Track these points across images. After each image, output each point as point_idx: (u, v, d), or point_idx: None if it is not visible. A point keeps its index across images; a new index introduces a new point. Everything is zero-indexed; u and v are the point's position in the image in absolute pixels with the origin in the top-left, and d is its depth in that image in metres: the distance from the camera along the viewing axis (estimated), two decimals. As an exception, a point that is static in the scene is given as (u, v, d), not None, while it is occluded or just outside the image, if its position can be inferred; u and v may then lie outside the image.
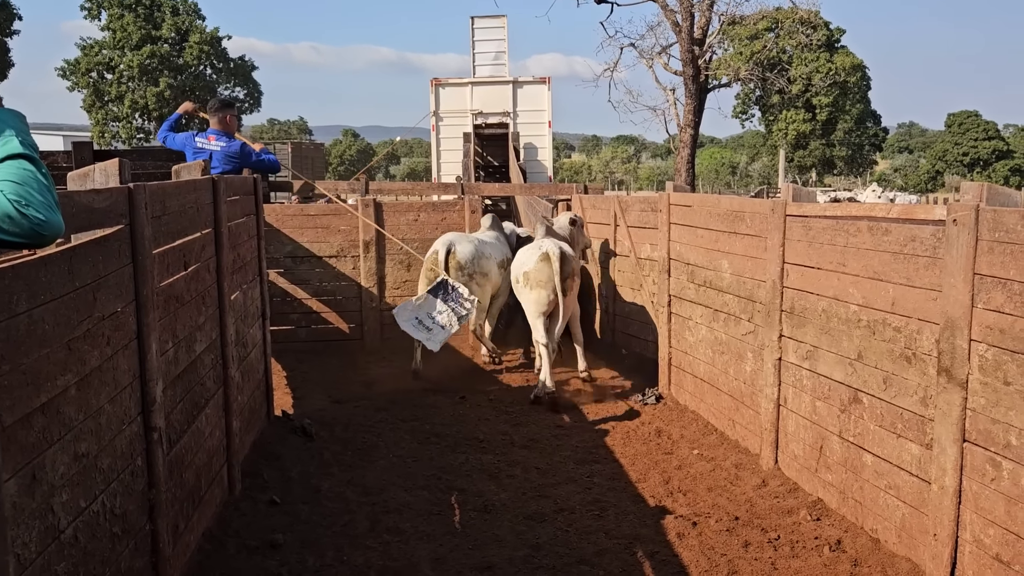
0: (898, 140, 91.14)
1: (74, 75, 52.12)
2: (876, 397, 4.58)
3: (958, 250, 3.88)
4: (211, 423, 4.71)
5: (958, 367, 3.90)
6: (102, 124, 52.07)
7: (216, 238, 4.97)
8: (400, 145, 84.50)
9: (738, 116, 57.97)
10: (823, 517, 4.93)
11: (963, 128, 63.82)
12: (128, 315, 3.39)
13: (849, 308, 4.80)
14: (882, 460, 4.54)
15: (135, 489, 3.40)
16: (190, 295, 4.35)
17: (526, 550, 4.65)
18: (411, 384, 7.95)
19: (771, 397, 5.66)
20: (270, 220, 8.72)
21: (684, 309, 7.18)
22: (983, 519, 3.81)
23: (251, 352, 6.01)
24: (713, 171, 72.83)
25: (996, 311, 3.70)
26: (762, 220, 5.76)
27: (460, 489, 5.52)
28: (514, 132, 19.44)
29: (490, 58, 21.15)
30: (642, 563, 4.50)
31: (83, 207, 3.03)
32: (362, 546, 4.64)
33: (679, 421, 6.92)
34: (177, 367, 4.07)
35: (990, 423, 3.75)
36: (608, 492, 5.50)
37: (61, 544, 2.68)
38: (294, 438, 6.35)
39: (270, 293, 7.25)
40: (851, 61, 54.87)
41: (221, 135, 7.92)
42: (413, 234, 9.37)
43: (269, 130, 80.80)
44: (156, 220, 3.74)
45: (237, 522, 4.79)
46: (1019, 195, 4.06)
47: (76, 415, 2.84)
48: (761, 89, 49.32)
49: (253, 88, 56.24)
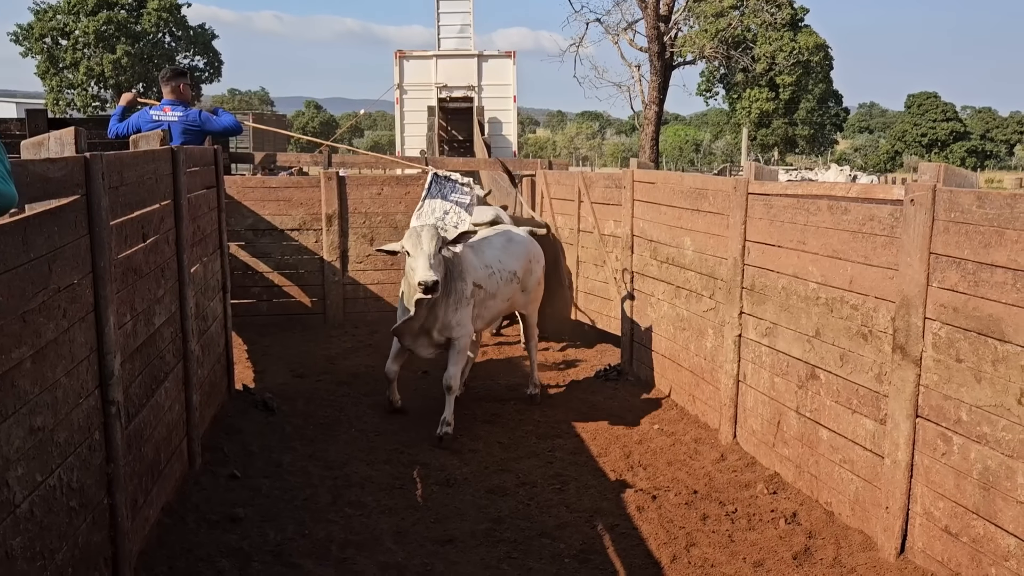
0: (859, 120, 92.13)
1: (27, 40, 50.67)
2: (833, 373, 4.67)
3: (915, 229, 3.95)
4: (171, 397, 4.66)
5: (912, 344, 3.99)
6: (57, 91, 50.76)
7: (176, 210, 4.90)
8: (364, 118, 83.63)
9: (702, 94, 58.13)
10: (779, 491, 5.03)
11: (922, 109, 64.69)
12: (85, 287, 3.33)
13: (808, 286, 4.87)
14: (837, 435, 4.64)
15: (93, 463, 3.36)
16: (149, 267, 4.29)
17: (488, 523, 4.69)
18: (373, 359, 7.93)
19: (731, 373, 5.74)
20: (231, 192, 8.60)
21: (646, 286, 7.23)
22: (933, 492, 3.91)
23: (211, 326, 5.95)
24: (677, 149, 73.08)
25: (950, 290, 3.78)
26: (724, 198, 5.81)
27: (422, 463, 5.53)
28: (479, 106, 19.33)
29: (455, 31, 20.98)
30: (602, 536, 4.56)
31: (38, 177, 2.97)
32: (324, 520, 4.64)
33: (640, 396, 6.99)
34: (136, 340, 4.02)
35: (942, 399, 3.85)
36: (569, 466, 5.55)
37: (16, 518, 2.65)
38: (255, 412, 6.32)
39: (231, 266, 7.16)
40: (814, 41, 55.18)
41: (177, 105, 7.72)
42: (376, 208, 9.31)
43: (230, 100, 79.42)
44: (114, 191, 3.67)
45: (197, 496, 4.76)
46: (975, 176, 4.13)
47: (31, 388, 2.80)
48: (725, 67, 49.50)
49: (213, 57, 55.15)
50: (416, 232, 5.75)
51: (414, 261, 5.68)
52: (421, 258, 5.61)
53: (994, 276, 3.55)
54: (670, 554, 4.34)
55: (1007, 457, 3.50)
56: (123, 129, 7.64)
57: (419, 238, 5.70)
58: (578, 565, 4.24)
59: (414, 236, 5.73)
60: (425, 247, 5.64)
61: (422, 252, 5.62)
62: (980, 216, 3.62)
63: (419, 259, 5.62)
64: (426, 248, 5.64)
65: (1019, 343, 3.43)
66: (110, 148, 6.42)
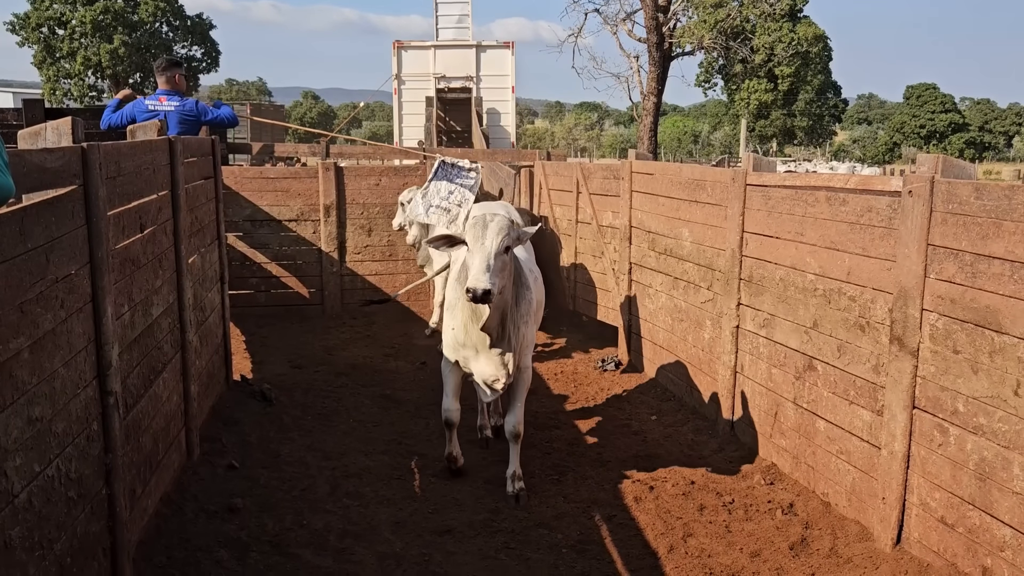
0: (857, 111, 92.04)
1: (24, 30, 50.44)
2: (830, 365, 4.68)
3: (913, 221, 3.95)
4: (169, 387, 4.66)
5: (910, 336, 3.99)
6: (53, 81, 50.57)
7: (173, 200, 4.89)
8: (363, 109, 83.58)
9: (701, 85, 57.97)
10: (776, 481, 5.04)
11: (921, 100, 64.66)
12: (83, 278, 3.33)
13: (806, 277, 4.88)
14: (834, 426, 4.65)
15: (91, 453, 3.36)
16: (146, 258, 4.28)
17: (485, 514, 4.70)
18: (371, 350, 7.93)
19: (728, 364, 5.74)
20: (228, 183, 8.58)
21: (644, 277, 7.23)
22: (930, 483, 3.92)
23: (209, 316, 5.95)
24: (675, 140, 73.06)
25: (948, 281, 3.79)
26: (723, 189, 5.80)
27: (420, 454, 5.54)
28: (477, 97, 19.29)
29: (454, 21, 20.91)
30: (600, 526, 4.58)
31: (35, 167, 2.96)
32: (322, 510, 4.65)
33: (638, 387, 7.00)
34: (133, 331, 4.01)
35: (939, 390, 3.85)
36: (567, 457, 5.56)
37: (15, 508, 2.65)
38: (253, 403, 6.32)
39: (229, 257, 7.15)
40: (813, 31, 55.09)
41: (172, 95, 7.68)
42: (374, 199, 9.30)
43: (227, 91, 79.23)
44: (111, 181, 3.66)
45: (195, 487, 4.77)
46: (973, 168, 4.13)
47: (29, 379, 2.79)
48: (724, 58, 49.40)
49: (211, 47, 54.93)
50: (482, 221, 4.38)
51: (470, 258, 4.37)
52: (479, 256, 4.30)
53: (992, 268, 3.55)
54: (667, 544, 4.35)
55: (1003, 448, 3.51)
56: (117, 120, 7.61)
57: (484, 228, 4.35)
58: (576, 555, 4.26)
59: (478, 226, 4.37)
60: (488, 242, 4.32)
61: (482, 248, 4.32)
62: (978, 208, 3.62)
63: (476, 257, 4.31)
64: (489, 244, 4.31)
65: (1016, 334, 3.44)
66: (107, 139, 6.40)
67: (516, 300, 4.80)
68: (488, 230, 4.33)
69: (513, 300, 4.76)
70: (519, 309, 4.83)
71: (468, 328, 4.76)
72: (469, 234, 4.41)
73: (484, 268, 4.24)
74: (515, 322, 4.80)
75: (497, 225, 4.34)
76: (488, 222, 4.35)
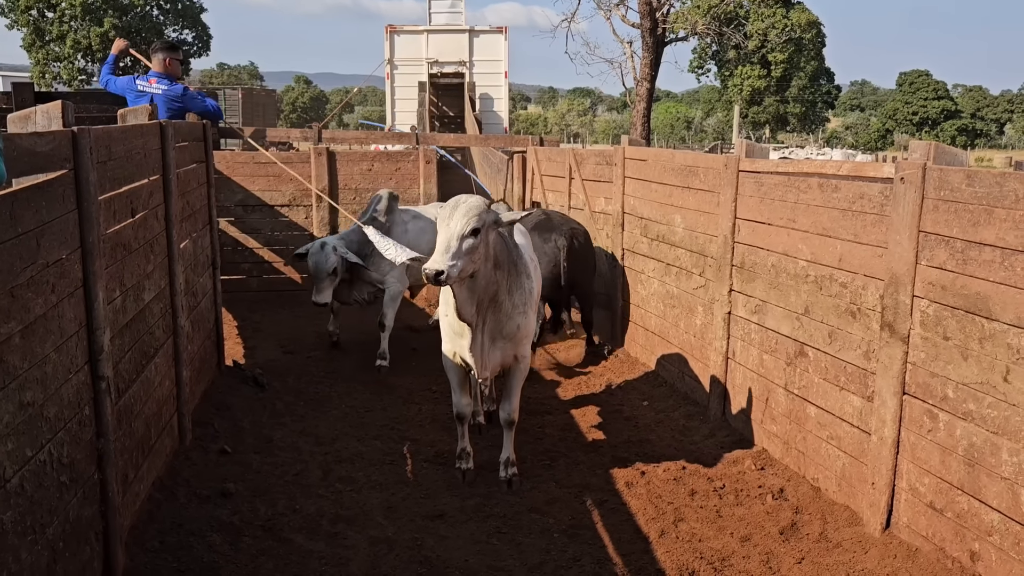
0: (850, 98, 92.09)
1: (13, 12, 49.98)
2: (821, 351, 4.70)
3: (904, 207, 3.96)
4: (161, 372, 4.66)
5: (901, 322, 4.01)
6: (43, 64, 50.17)
7: (165, 185, 4.87)
8: (355, 94, 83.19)
9: (694, 71, 57.88)
10: (767, 467, 5.07)
11: (913, 87, 64.69)
12: (74, 262, 3.32)
13: (798, 263, 4.89)
14: (825, 412, 4.67)
15: (83, 438, 3.36)
16: (138, 243, 4.27)
17: (477, 499, 4.72)
18: (364, 336, 7.92)
19: (720, 350, 5.76)
20: (220, 167, 8.55)
21: (637, 263, 7.24)
22: (919, 468, 3.95)
23: (201, 301, 5.93)
24: (668, 126, 72.98)
25: (939, 268, 3.80)
26: (715, 175, 5.81)
27: (413, 439, 5.55)
28: (470, 82, 19.24)
29: (447, 6, 20.82)
30: (591, 511, 4.60)
31: (25, 151, 2.95)
32: (314, 495, 4.66)
33: (630, 373, 7.02)
34: (125, 316, 4.00)
35: (929, 376, 3.88)
36: (559, 442, 5.58)
37: (7, 493, 2.65)
38: (246, 388, 6.32)
39: (221, 242, 7.13)
40: (807, 17, 55.00)
41: (162, 78, 7.65)
42: (367, 184, 9.27)
43: (219, 75, 78.71)
44: (102, 165, 3.65)
45: (188, 471, 4.77)
46: (965, 155, 4.14)
47: (20, 363, 2.79)
48: (718, 44, 49.30)
49: (202, 31, 54.53)
50: (453, 203, 4.32)
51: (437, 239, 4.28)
52: (442, 236, 4.22)
53: (982, 254, 3.57)
54: (658, 529, 4.37)
55: (992, 434, 3.54)
56: (111, 85, 7.68)
57: (453, 210, 4.26)
58: (567, 540, 4.28)
59: (448, 207, 4.31)
60: (454, 223, 4.21)
61: (446, 229, 4.22)
62: (969, 195, 3.63)
63: (439, 237, 4.24)
64: (454, 225, 4.21)
65: (1006, 321, 3.46)
66: (97, 123, 6.37)
67: (510, 289, 4.68)
68: (457, 211, 4.23)
69: (506, 289, 4.65)
70: (513, 299, 4.70)
71: (451, 316, 4.67)
72: (439, 216, 4.31)
73: (444, 249, 4.15)
74: (508, 312, 4.69)
75: (466, 207, 4.24)
76: (459, 203, 4.28)
